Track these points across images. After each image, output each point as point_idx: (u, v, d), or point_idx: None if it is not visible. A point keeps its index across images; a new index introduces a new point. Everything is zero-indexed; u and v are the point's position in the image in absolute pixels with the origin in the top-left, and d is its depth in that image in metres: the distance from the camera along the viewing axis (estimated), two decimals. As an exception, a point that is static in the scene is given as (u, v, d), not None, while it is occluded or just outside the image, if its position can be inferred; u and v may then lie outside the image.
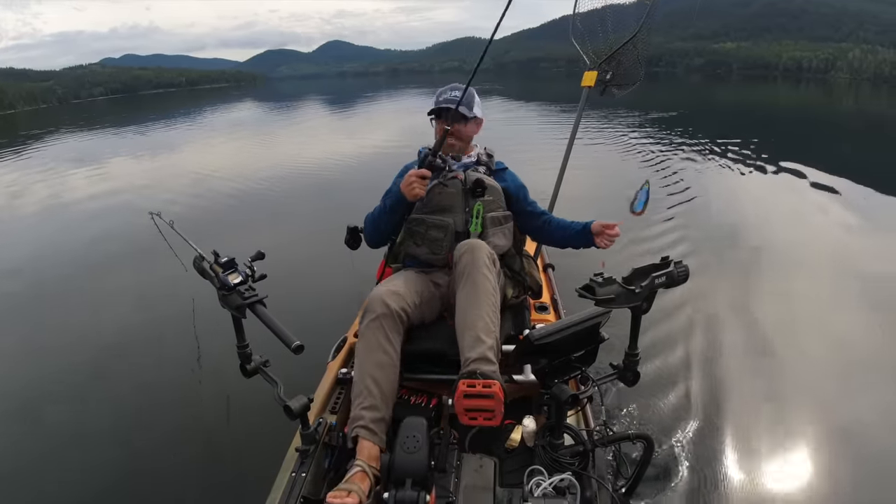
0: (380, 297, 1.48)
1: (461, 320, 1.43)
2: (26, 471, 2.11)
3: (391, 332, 1.46)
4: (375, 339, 1.44)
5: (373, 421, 1.35)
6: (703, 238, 4.18)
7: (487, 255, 1.50)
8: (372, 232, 1.80)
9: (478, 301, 1.42)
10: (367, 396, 1.38)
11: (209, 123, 18.90)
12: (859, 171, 6.06)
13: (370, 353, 1.43)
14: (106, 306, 3.64)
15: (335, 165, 8.34)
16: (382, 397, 1.40)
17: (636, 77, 2.22)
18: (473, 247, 1.51)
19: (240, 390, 2.14)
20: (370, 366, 1.42)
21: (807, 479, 1.87)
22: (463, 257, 1.50)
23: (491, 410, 1.22)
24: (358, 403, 1.39)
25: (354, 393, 1.42)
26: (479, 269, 1.47)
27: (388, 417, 1.41)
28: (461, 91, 1.72)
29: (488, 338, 1.37)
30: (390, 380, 1.43)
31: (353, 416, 1.38)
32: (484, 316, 1.41)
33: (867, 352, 2.62)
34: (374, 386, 1.40)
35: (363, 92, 37.44)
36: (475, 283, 1.45)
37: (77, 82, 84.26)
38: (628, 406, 2.19)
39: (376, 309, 1.46)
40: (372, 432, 1.34)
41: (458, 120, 1.73)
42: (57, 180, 8.49)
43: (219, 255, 1.29)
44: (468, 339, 1.38)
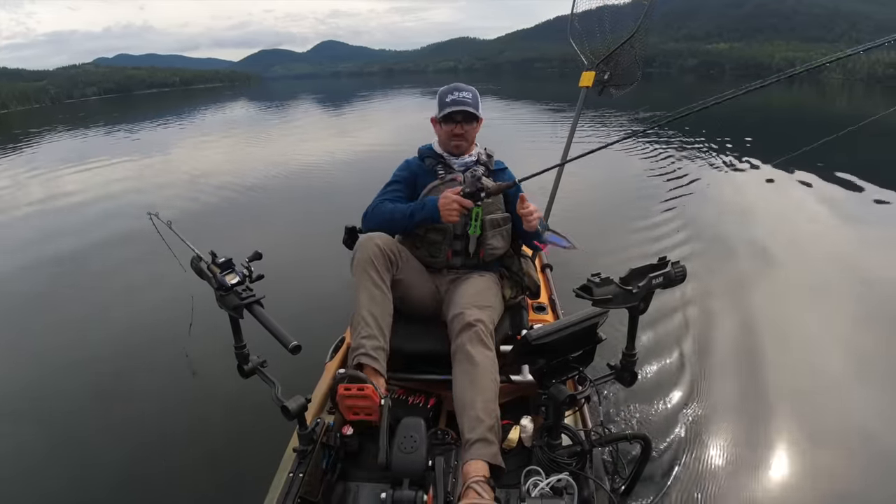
0: (369, 238, 1.58)
1: (460, 398, 1.41)
2: (24, 472, 2.10)
3: (383, 270, 1.56)
4: (368, 276, 1.54)
5: (374, 349, 1.47)
6: (694, 236, 4.21)
7: (484, 331, 1.48)
8: (382, 227, 1.70)
9: (476, 379, 1.41)
10: (365, 326, 1.50)
11: (204, 123, 18.74)
12: (854, 171, 6.09)
13: (364, 289, 1.54)
14: (102, 306, 3.62)
15: (333, 166, 8.32)
16: (378, 327, 1.51)
17: (634, 77, 2.23)
18: (469, 324, 1.48)
19: (237, 391, 2.14)
20: (366, 301, 1.53)
21: (804, 478, 1.88)
22: (459, 336, 1.48)
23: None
24: (357, 333, 1.51)
25: (353, 324, 1.53)
26: (476, 346, 1.45)
27: (387, 347, 1.53)
28: (468, 92, 1.73)
29: (488, 417, 1.36)
30: (385, 312, 1.55)
31: (354, 344, 1.50)
32: (482, 393, 1.39)
33: (867, 352, 2.63)
34: (371, 318, 1.51)
35: (358, 91, 37.05)
36: (473, 361, 1.43)
37: (70, 82, 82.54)
38: (626, 406, 2.20)
39: (368, 250, 1.55)
40: (373, 359, 1.47)
41: (469, 121, 1.74)
42: (50, 180, 8.43)
43: (216, 255, 1.29)
44: (468, 420, 1.36)
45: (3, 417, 2.46)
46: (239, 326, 1.31)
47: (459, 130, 1.74)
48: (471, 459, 1.30)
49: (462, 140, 1.76)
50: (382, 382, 1.47)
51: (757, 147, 8.21)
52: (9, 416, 2.47)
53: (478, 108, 1.75)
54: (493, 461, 1.31)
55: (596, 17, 2.28)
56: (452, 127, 1.74)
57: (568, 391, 1.24)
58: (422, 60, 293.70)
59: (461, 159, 1.80)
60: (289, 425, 1.33)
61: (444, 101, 1.73)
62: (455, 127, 1.73)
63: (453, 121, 1.72)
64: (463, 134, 1.74)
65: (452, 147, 1.77)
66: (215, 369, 2.52)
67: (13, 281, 4.19)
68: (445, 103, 1.73)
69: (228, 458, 2.05)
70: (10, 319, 3.52)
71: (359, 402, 1.33)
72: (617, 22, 2.22)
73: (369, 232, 1.74)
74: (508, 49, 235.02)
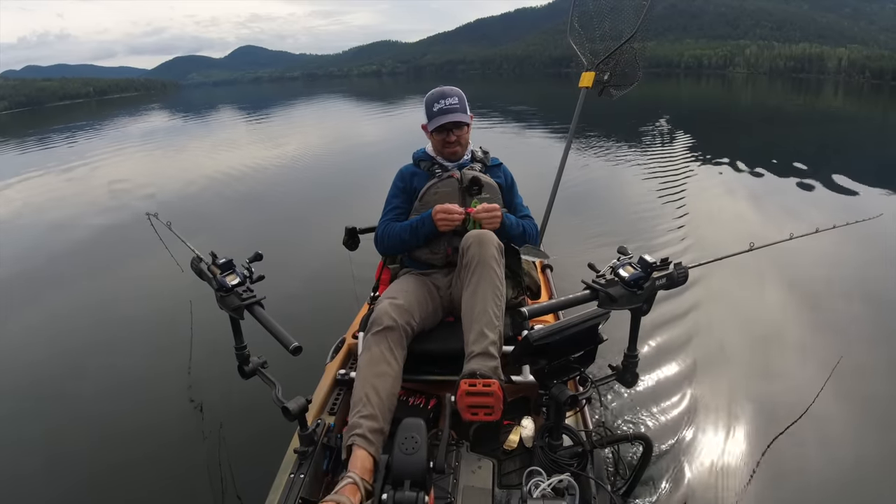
0: (386, 310, 1.48)
1: (467, 313, 1.45)
2: (23, 473, 2.11)
3: (395, 346, 1.46)
4: (379, 350, 1.44)
5: (370, 431, 1.32)
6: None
7: (496, 247, 1.51)
8: (396, 248, 1.77)
9: (484, 294, 1.44)
10: (367, 405, 1.36)
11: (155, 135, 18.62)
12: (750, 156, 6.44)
13: (373, 364, 1.42)
14: (101, 308, 3.63)
15: (333, 166, 8.35)
16: (381, 408, 1.37)
17: (634, 77, 2.22)
18: (481, 239, 1.51)
19: (238, 391, 2.14)
20: (372, 376, 1.40)
21: (805, 478, 1.87)
22: (470, 249, 1.51)
23: (490, 407, 1.26)
24: (357, 412, 1.36)
25: (354, 401, 1.40)
26: (487, 260, 1.48)
27: (387, 430, 1.37)
28: (453, 97, 1.72)
29: (492, 332, 1.39)
30: (391, 392, 1.41)
31: (351, 423, 1.35)
32: (489, 310, 1.42)
33: (866, 352, 2.61)
34: (375, 395, 1.37)
35: (295, 97, 36.48)
36: (482, 275, 1.46)
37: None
38: (627, 407, 2.19)
39: (383, 321, 1.46)
40: (369, 441, 1.30)
41: (460, 127, 1.74)
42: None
43: (216, 256, 1.29)
44: (473, 334, 1.40)
45: (3, 421, 2.47)
46: (239, 327, 1.31)
47: (452, 138, 1.74)
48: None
49: (457, 146, 1.76)
50: (371, 467, 1.28)
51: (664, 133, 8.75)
52: (8, 418, 2.48)
53: (466, 110, 1.74)
54: (492, 374, 1.35)
55: (596, 18, 2.27)
56: (444, 136, 1.74)
57: (569, 392, 1.23)
58: (344, 64, 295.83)
59: (461, 158, 1.81)
60: (290, 426, 1.33)
61: (431, 111, 1.73)
62: (447, 136, 1.74)
63: (446, 129, 1.73)
64: (457, 139, 1.74)
65: (448, 154, 1.78)
66: (216, 370, 2.52)
67: (12, 281, 4.20)
68: (434, 113, 1.72)
69: (229, 458, 2.05)
70: (10, 319, 3.53)
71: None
72: (617, 22, 2.21)
73: (386, 254, 1.82)
74: (430, 52, 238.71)
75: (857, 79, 56.75)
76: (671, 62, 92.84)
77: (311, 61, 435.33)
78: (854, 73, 61.87)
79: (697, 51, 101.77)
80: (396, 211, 1.79)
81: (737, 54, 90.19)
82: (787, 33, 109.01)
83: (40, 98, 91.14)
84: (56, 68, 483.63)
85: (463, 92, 1.77)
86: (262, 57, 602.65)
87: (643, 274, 1.13)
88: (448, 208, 1.61)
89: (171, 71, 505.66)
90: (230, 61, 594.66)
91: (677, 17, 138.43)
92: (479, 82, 45.87)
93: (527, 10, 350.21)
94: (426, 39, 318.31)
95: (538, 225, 1.99)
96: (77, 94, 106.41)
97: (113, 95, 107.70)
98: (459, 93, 1.75)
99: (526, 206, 1.89)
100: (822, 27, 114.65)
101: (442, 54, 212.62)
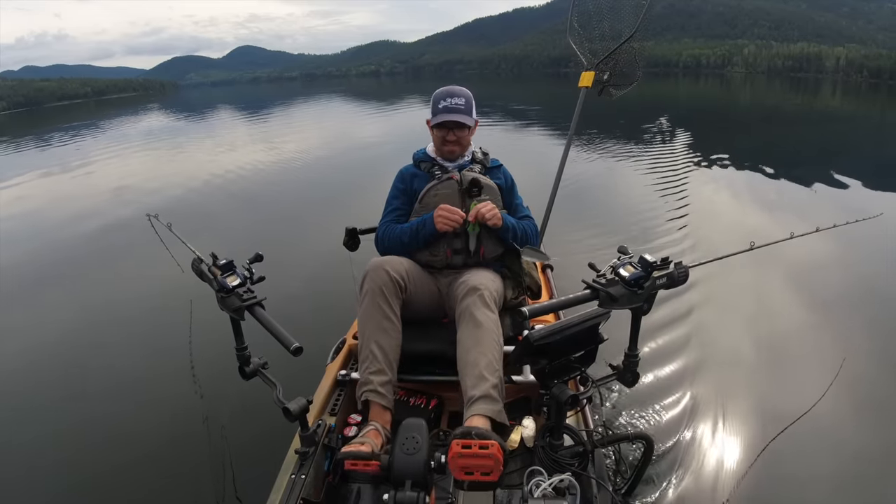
0: (379, 264, 1.56)
1: (463, 358, 1.43)
2: (24, 473, 2.11)
3: (392, 298, 1.53)
4: (378, 304, 1.51)
5: (381, 385, 1.45)
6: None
7: (489, 296, 1.50)
8: (396, 250, 1.75)
9: (480, 339, 1.43)
10: (374, 361, 1.47)
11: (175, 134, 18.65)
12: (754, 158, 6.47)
13: (373, 320, 1.51)
14: (103, 309, 3.63)
15: (332, 167, 8.34)
16: (387, 361, 1.48)
17: (634, 77, 2.22)
18: (474, 287, 1.50)
19: (239, 392, 2.14)
20: (374, 331, 1.50)
21: (807, 478, 1.87)
22: (464, 299, 1.50)
23: (489, 470, 1.15)
24: (365, 368, 1.48)
25: (361, 358, 1.51)
26: (480, 308, 1.47)
27: (394, 380, 1.50)
28: (461, 97, 1.72)
29: (492, 376, 1.37)
30: (394, 344, 1.52)
31: (363, 380, 1.47)
32: (487, 353, 1.41)
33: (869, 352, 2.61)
34: (379, 350, 1.48)
35: (296, 97, 36.45)
36: (477, 322, 1.45)
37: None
38: (628, 406, 2.19)
39: (376, 277, 1.53)
40: (381, 395, 1.44)
41: (461, 128, 1.74)
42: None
43: (217, 257, 1.29)
44: (471, 378, 1.38)
45: (3, 422, 2.47)
46: (240, 328, 1.31)
47: (452, 137, 1.75)
48: (474, 415, 1.33)
49: (455, 146, 1.77)
50: (389, 417, 1.46)
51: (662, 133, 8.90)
52: (8, 420, 2.48)
53: (471, 113, 1.74)
54: (497, 417, 1.34)
55: (595, 17, 2.27)
56: (445, 133, 1.74)
57: (570, 391, 1.23)
58: (343, 64, 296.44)
59: (459, 160, 1.81)
60: (290, 427, 1.33)
61: (436, 107, 1.73)
62: (447, 133, 1.74)
63: (446, 127, 1.73)
64: (456, 140, 1.75)
65: (446, 152, 1.79)
66: (217, 371, 2.52)
67: (13, 282, 4.19)
68: (438, 109, 1.73)
69: (230, 459, 2.05)
70: (11, 319, 3.53)
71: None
72: (616, 21, 2.21)
73: (385, 255, 1.77)
74: (429, 52, 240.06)
75: (855, 78, 57.00)
76: (669, 62, 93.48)
77: (309, 61, 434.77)
78: (852, 72, 62.15)
79: (695, 50, 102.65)
80: (397, 212, 1.79)
81: (735, 54, 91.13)
82: (785, 33, 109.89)
83: (38, 98, 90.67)
84: (54, 69, 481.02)
85: (471, 94, 1.78)
86: (261, 57, 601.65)
87: (643, 273, 1.13)
88: (450, 208, 1.61)
89: (169, 71, 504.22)
90: (228, 61, 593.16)
91: (675, 16, 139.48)
92: (477, 82, 46.01)
93: (525, 9, 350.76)
94: (424, 39, 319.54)
95: (538, 225, 1.99)
96: (75, 94, 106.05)
97: (111, 96, 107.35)
98: (468, 95, 1.75)
99: (526, 207, 1.89)
100: (821, 26, 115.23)
101: (440, 54, 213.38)
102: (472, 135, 1.81)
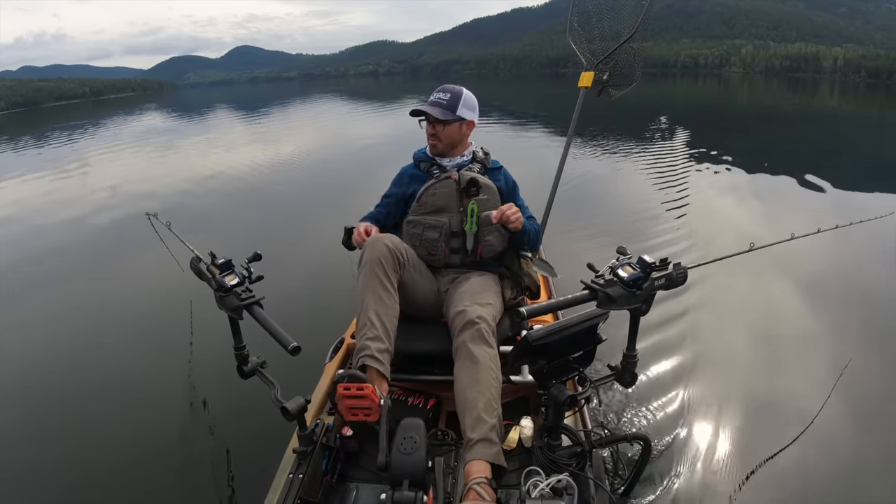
0: (378, 238, 1.57)
1: (461, 398, 1.40)
2: (25, 473, 2.10)
3: (390, 271, 1.54)
4: (376, 276, 1.52)
5: (378, 351, 1.44)
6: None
7: (486, 329, 1.47)
8: None
9: (478, 378, 1.40)
10: (371, 328, 1.46)
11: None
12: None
13: (372, 292, 1.51)
14: (101, 308, 3.62)
15: (332, 167, 8.34)
16: (385, 332, 1.48)
17: (634, 77, 2.22)
18: (471, 321, 1.47)
19: (237, 391, 2.13)
20: (373, 302, 1.50)
21: (807, 479, 1.88)
22: (461, 334, 1.47)
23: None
24: (363, 335, 1.47)
25: (358, 326, 1.50)
26: (478, 345, 1.44)
27: (392, 350, 1.49)
28: (446, 93, 1.74)
29: (490, 417, 1.36)
30: (391, 315, 1.51)
31: (359, 346, 1.47)
32: (485, 392, 1.38)
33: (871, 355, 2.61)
34: (377, 319, 1.48)
35: (294, 97, 36.40)
36: (475, 359, 1.42)
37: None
38: (626, 407, 2.20)
39: (376, 250, 1.53)
40: (378, 361, 1.43)
41: (433, 122, 1.74)
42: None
43: (216, 256, 1.29)
44: (470, 420, 1.36)
45: (5, 418, 2.46)
46: (238, 327, 1.31)
47: (431, 130, 1.76)
48: (473, 459, 1.30)
49: (436, 140, 1.77)
50: (385, 386, 1.45)
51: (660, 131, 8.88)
52: (10, 416, 2.47)
53: (454, 109, 1.73)
54: (496, 461, 1.31)
55: (595, 17, 2.27)
56: (427, 126, 1.76)
57: (568, 392, 1.23)
58: (341, 64, 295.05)
59: (453, 160, 1.80)
60: (289, 426, 1.33)
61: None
62: (428, 126, 1.76)
63: (420, 117, 1.77)
64: (435, 134, 1.75)
65: (430, 147, 1.80)
66: (215, 370, 2.51)
67: (13, 282, 4.18)
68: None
69: (228, 459, 2.05)
70: (11, 319, 3.52)
71: (358, 403, 1.31)
72: (616, 22, 2.21)
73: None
74: (427, 52, 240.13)
75: (853, 78, 57.13)
76: (667, 62, 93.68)
77: (307, 61, 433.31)
78: (850, 72, 62.30)
79: (693, 50, 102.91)
80: (380, 207, 1.87)
81: (733, 54, 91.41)
82: (783, 33, 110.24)
83: (37, 98, 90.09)
84: (52, 69, 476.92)
85: (469, 93, 1.77)
86: (259, 57, 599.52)
87: (642, 274, 1.13)
88: (362, 231, 1.67)
89: (167, 71, 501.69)
90: (227, 61, 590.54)
91: (674, 17, 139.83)
92: (475, 82, 46.04)
93: (523, 10, 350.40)
94: (423, 39, 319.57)
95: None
96: (73, 94, 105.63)
97: (109, 96, 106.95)
98: (457, 92, 1.74)
99: (528, 208, 1.89)
100: (818, 26, 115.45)
101: (438, 54, 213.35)
102: (464, 133, 1.79)
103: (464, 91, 1.76)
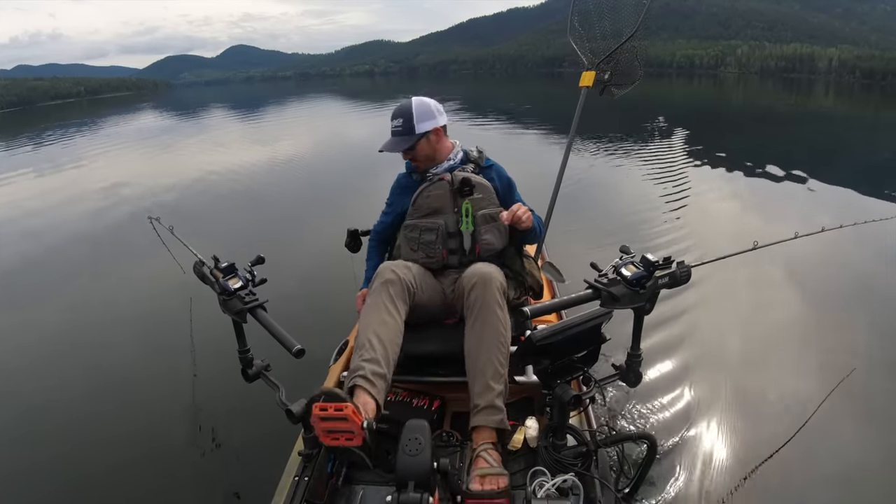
0: (389, 266, 1.54)
1: (471, 362, 1.44)
2: (26, 473, 2.10)
3: (397, 298, 1.50)
4: (381, 301, 1.48)
5: (373, 374, 1.32)
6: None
7: (498, 289, 1.48)
8: None
9: (488, 343, 1.42)
10: (369, 350, 1.37)
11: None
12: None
13: (375, 313, 1.45)
14: (104, 310, 3.61)
15: (332, 167, 8.33)
16: (384, 355, 1.38)
17: (635, 76, 2.21)
18: (484, 279, 1.47)
19: (242, 395, 2.13)
20: (375, 324, 1.43)
21: (813, 479, 1.88)
22: (473, 290, 1.47)
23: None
24: (360, 355, 1.38)
25: (356, 346, 1.42)
26: (490, 305, 1.45)
27: (389, 377, 1.38)
28: (399, 118, 1.67)
29: (497, 384, 1.39)
30: (393, 341, 1.43)
31: (353, 366, 1.36)
32: (493, 360, 1.41)
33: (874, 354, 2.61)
34: (377, 341, 1.39)
35: (290, 96, 36.38)
36: (485, 321, 1.44)
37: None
38: (631, 406, 2.20)
39: (385, 275, 1.51)
40: (371, 383, 1.30)
41: (404, 150, 1.69)
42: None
43: (219, 260, 1.29)
44: (478, 386, 1.40)
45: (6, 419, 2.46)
46: (242, 331, 1.31)
47: (405, 158, 1.74)
48: (479, 426, 1.36)
49: (416, 163, 1.75)
50: (373, 408, 1.28)
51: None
52: (11, 416, 2.47)
53: (412, 130, 1.65)
54: (500, 426, 1.37)
55: (595, 16, 2.26)
56: (402, 156, 1.74)
57: (573, 391, 1.23)
58: (337, 64, 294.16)
59: (440, 166, 1.76)
60: (294, 429, 1.33)
61: None
62: (403, 156, 1.74)
63: None
64: (411, 159, 1.73)
65: (414, 168, 1.77)
66: (219, 373, 2.51)
67: (14, 282, 4.17)
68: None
69: (233, 462, 2.05)
70: (12, 319, 3.51)
71: (337, 425, 1.16)
72: (617, 20, 2.21)
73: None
74: (423, 52, 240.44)
75: (848, 78, 57.41)
76: (663, 62, 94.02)
77: (303, 61, 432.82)
78: (845, 72, 62.62)
79: (689, 51, 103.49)
80: (385, 217, 1.88)
81: (728, 54, 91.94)
82: (778, 33, 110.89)
83: (32, 98, 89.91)
84: (47, 68, 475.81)
85: (421, 102, 1.69)
86: (255, 56, 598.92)
87: (645, 273, 1.13)
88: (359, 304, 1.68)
89: (162, 70, 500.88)
90: (222, 61, 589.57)
91: (670, 17, 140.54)
92: (471, 82, 46.08)
93: (519, 10, 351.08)
94: (419, 39, 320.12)
95: None
96: (68, 93, 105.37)
97: (104, 95, 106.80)
98: (407, 113, 1.66)
99: (525, 203, 1.89)
100: (814, 27, 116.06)
101: (435, 54, 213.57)
102: (434, 143, 1.72)
103: (413, 104, 1.67)
